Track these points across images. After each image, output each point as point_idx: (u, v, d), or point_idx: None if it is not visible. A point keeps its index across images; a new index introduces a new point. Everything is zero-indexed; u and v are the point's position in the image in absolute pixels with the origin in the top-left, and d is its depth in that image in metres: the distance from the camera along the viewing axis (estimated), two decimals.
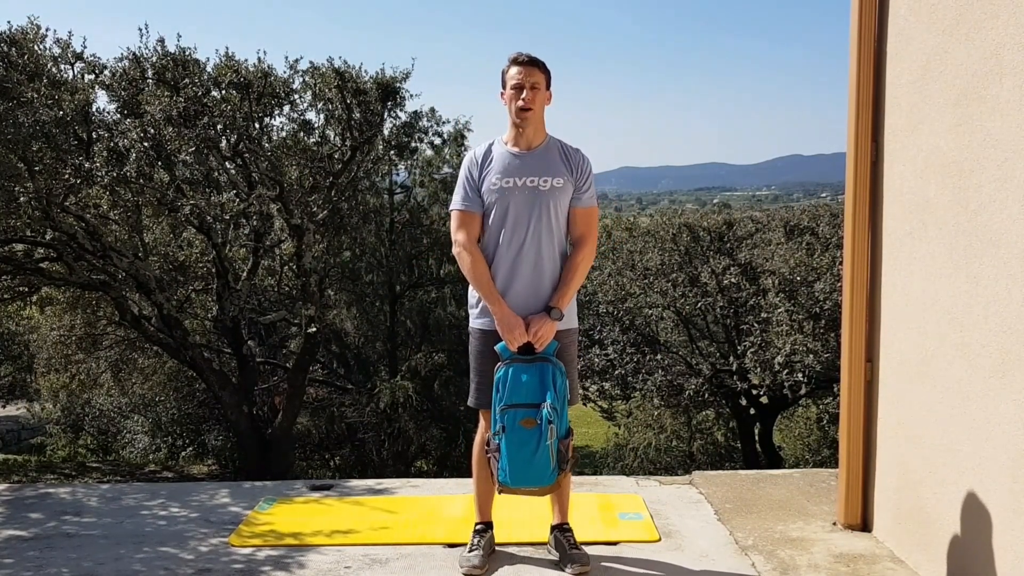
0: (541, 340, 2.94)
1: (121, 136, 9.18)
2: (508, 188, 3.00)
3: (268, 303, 12.44)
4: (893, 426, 3.24)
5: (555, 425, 2.86)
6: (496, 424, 2.90)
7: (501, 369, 2.92)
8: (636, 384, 13.09)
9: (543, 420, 2.85)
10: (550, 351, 2.96)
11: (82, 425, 17.17)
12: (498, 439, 2.89)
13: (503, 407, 2.89)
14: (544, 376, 2.91)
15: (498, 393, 2.91)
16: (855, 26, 3.29)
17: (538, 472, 2.89)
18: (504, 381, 2.90)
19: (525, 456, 2.87)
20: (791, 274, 11.22)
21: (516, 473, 2.88)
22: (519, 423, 2.87)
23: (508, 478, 2.90)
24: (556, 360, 2.95)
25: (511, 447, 2.87)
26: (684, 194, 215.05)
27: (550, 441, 2.86)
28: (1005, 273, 2.49)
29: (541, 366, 2.92)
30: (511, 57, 3.07)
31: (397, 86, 11.32)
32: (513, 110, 3.02)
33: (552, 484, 2.94)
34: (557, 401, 2.89)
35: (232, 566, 3.21)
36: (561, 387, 2.93)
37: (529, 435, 2.86)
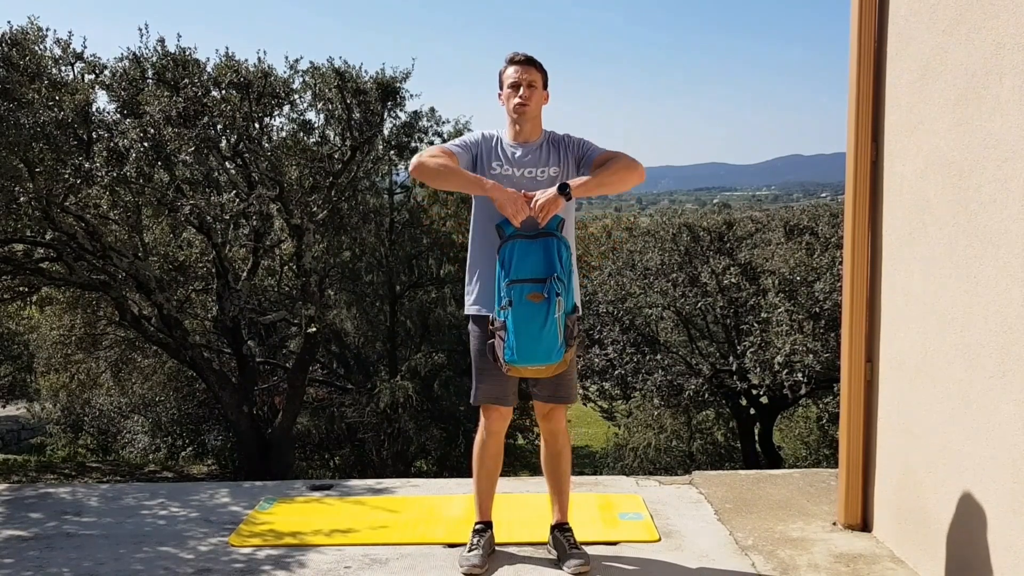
0: (545, 212, 2.90)
1: (121, 136, 9.18)
2: (507, 176, 3.01)
3: (268, 303, 12.44)
4: (893, 426, 3.24)
5: (563, 298, 2.85)
6: (502, 300, 2.86)
7: (506, 245, 2.88)
8: (636, 384, 13.08)
9: (551, 293, 2.83)
10: (553, 225, 2.92)
11: (82, 425, 17.17)
12: (504, 315, 2.86)
13: (509, 282, 2.85)
14: (549, 250, 2.88)
15: (503, 269, 2.87)
16: (855, 26, 3.29)
17: (546, 347, 2.86)
18: (509, 256, 2.87)
19: (533, 331, 2.84)
20: (791, 274, 11.21)
21: (524, 349, 2.84)
22: (526, 297, 2.84)
23: (516, 355, 2.85)
24: (560, 234, 2.92)
25: (519, 322, 2.83)
26: (684, 194, 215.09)
27: (558, 314, 2.84)
28: (1005, 273, 2.49)
29: (545, 241, 2.89)
30: (508, 57, 3.09)
31: (397, 86, 11.33)
32: (510, 107, 3.04)
33: (560, 361, 2.91)
34: (564, 274, 2.88)
35: (232, 566, 3.22)
36: (567, 261, 2.91)
37: (537, 309, 2.83)
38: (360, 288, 15.38)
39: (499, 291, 2.89)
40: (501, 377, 3.02)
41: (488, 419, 3.14)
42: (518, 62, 3.05)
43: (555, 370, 2.95)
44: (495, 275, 2.92)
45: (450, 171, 2.96)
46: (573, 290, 2.95)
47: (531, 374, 2.96)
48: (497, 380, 3.04)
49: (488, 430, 3.15)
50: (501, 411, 3.14)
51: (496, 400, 3.09)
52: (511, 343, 2.86)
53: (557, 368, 2.94)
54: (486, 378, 3.06)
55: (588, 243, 18.18)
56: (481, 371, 3.07)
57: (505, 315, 2.86)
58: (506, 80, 3.06)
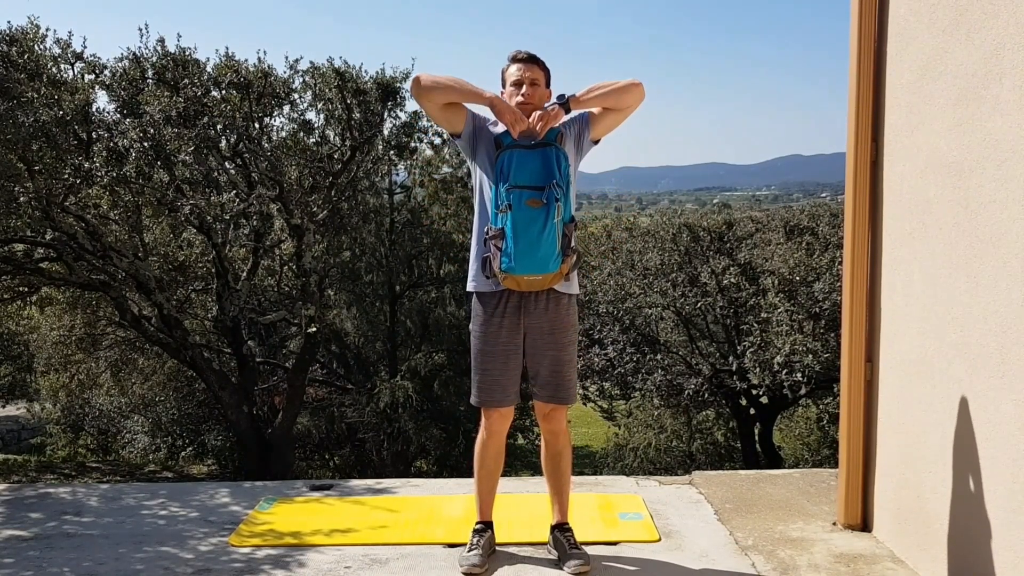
0: (544, 123, 2.90)
1: (121, 136, 9.18)
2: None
3: (268, 303, 12.44)
4: (893, 426, 3.24)
5: (562, 204, 2.84)
6: (501, 204, 2.85)
7: (504, 153, 2.88)
8: (636, 384, 13.08)
9: (550, 199, 2.83)
10: (552, 136, 2.92)
11: (82, 425, 17.17)
12: (502, 221, 2.84)
13: (508, 187, 2.84)
14: (548, 158, 2.88)
15: (501, 176, 2.87)
16: (855, 26, 3.29)
17: (544, 255, 2.84)
18: (508, 164, 2.86)
19: (532, 236, 2.82)
20: (791, 274, 11.21)
21: (521, 256, 2.82)
22: (525, 203, 2.83)
23: (513, 262, 2.83)
24: (559, 145, 2.92)
25: (518, 226, 2.82)
26: (684, 194, 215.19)
27: (557, 219, 2.83)
28: (1005, 273, 2.49)
29: (544, 150, 2.89)
30: (510, 55, 3.08)
31: (397, 86, 11.32)
32: (513, 105, 3.02)
33: (556, 271, 2.89)
34: (562, 181, 2.87)
35: (232, 566, 3.22)
36: (565, 170, 2.90)
37: (536, 213, 2.82)
38: (360, 288, 15.38)
39: (496, 197, 2.87)
40: (501, 377, 3.02)
41: (489, 419, 3.13)
42: (521, 60, 3.04)
43: (552, 280, 2.90)
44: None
45: (447, 83, 2.93)
46: (571, 202, 2.94)
47: (527, 286, 2.91)
48: (497, 380, 3.03)
49: (489, 430, 3.14)
50: (502, 411, 3.13)
51: (497, 401, 3.08)
52: (508, 249, 2.83)
53: (554, 279, 2.90)
54: (486, 378, 3.05)
55: (588, 243, 18.20)
56: (483, 371, 3.06)
57: (503, 220, 2.84)
58: (508, 78, 3.05)
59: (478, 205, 3.05)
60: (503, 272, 2.86)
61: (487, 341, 3.04)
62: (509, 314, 3.02)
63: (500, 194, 2.86)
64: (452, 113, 3.01)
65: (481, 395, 3.09)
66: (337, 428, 14.78)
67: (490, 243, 2.88)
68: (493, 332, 3.03)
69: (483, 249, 2.96)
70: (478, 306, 3.06)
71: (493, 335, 3.04)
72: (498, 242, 2.85)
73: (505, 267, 2.85)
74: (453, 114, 3.01)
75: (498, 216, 2.86)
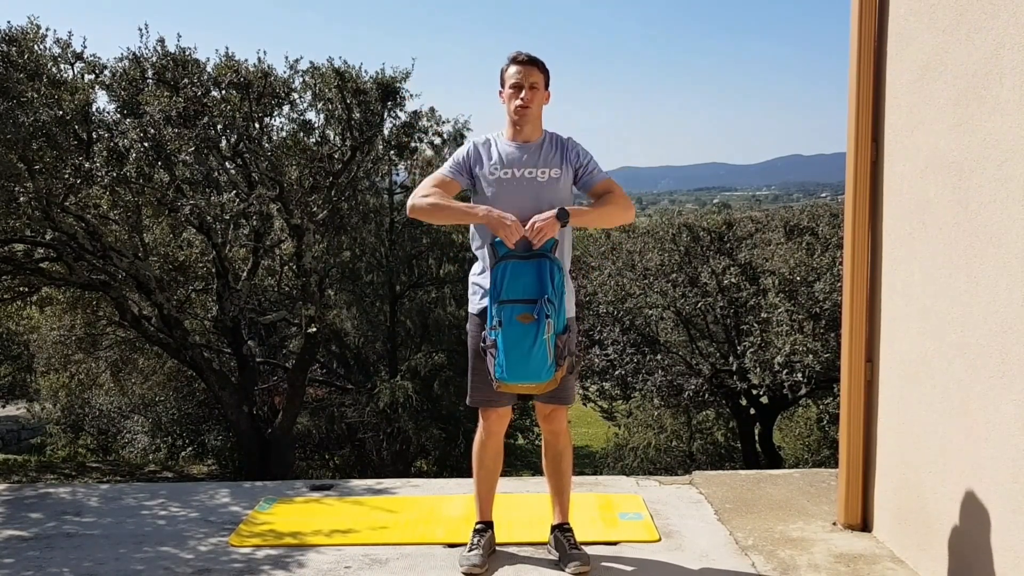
0: (540, 235, 2.90)
1: (121, 136, 9.18)
2: (507, 179, 3.00)
3: (268, 303, 12.45)
4: (893, 426, 3.24)
5: (552, 320, 2.85)
6: (492, 319, 2.87)
7: (499, 265, 2.88)
8: (636, 384, 13.09)
9: (541, 315, 2.84)
10: (547, 247, 2.93)
11: (82, 425, 17.17)
12: (494, 334, 2.87)
13: (499, 302, 2.86)
14: (542, 272, 2.88)
15: (494, 289, 2.88)
16: (855, 26, 3.29)
17: (536, 366, 2.86)
18: (501, 277, 2.87)
19: (523, 350, 2.84)
20: (791, 274, 11.22)
21: (513, 368, 2.85)
22: (516, 318, 2.84)
23: (505, 374, 2.86)
24: (554, 256, 2.93)
25: (508, 341, 2.84)
26: (684, 194, 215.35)
27: (547, 336, 2.84)
28: (1005, 273, 2.49)
29: (539, 262, 2.89)
30: (510, 56, 3.07)
31: (397, 86, 11.33)
32: (512, 108, 3.03)
33: (550, 379, 2.92)
34: (555, 296, 2.88)
35: (232, 566, 3.21)
36: (559, 283, 2.91)
37: (526, 330, 2.84)
38: (360, 288, 15.39)
39: (490, 311, 2.90)
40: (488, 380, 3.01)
41: (487, 420, 3.14)
42: (521, 62, 3.03)
43: (546, 387, 2.96)
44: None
45: (440, 208, 2.99)
46: (565, 309, 2.96)
47: (522, 391, 2.97)
48: (487, 384, 3.03)
49: (487, 431, 3.15)
50: (499, 412, 3.14)
51: (492, 402, 3.09)
52: (501, 361, 2.87)
53: (548, 386, 2.95)
54: (483, 379, 3.04)
55: (587, 244, 18.19)
56: (477, 372, 3.06)
57: (495, 334, 2.87)
58: (508, 80, 3.05)
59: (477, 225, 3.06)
60: (497, 380, 2.91)
61: (471, 344, 3.07)
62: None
63: (492, 308, 2.89)
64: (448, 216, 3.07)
65: (476, 396, 3.10)
66: (337, 428, 14.79)
67: (487, 349, 2.93)
68: (476, 339, 3.05)
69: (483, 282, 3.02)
70: (469, 321, 3.12)
71: (476, 340, 3.05)
72: (493, 351, 2.90)
73: (498, 376, 2.90)
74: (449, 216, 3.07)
75: (491, 330, 2.90)
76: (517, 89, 3.01)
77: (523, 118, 3.03)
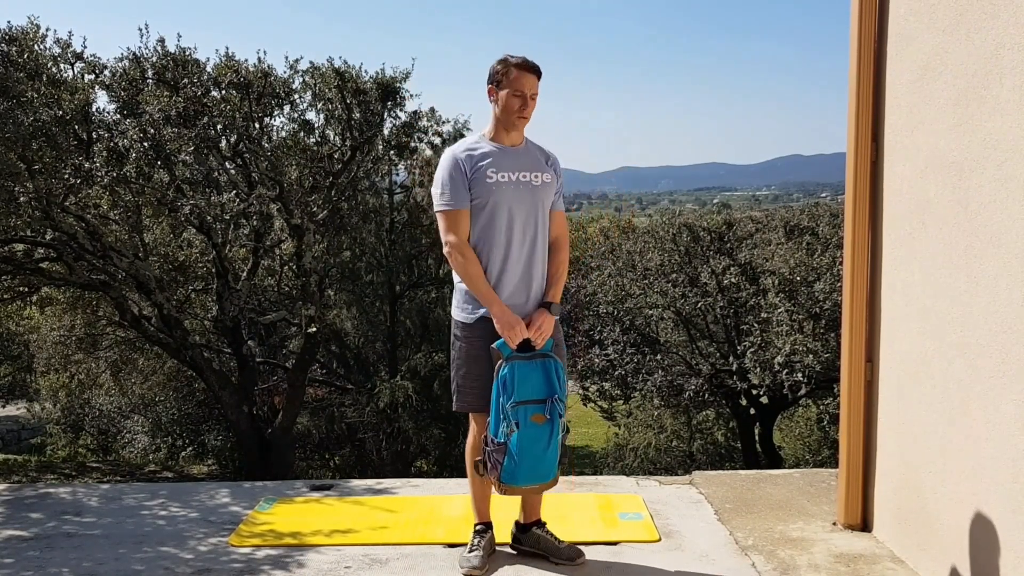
0: (543, 335, 2.93)
1: (121, 136, 9.18)
2: (504, 183, 2.98)
3: (268, 303, 12.44)
4: (893, 426, 3.24)
5: (563, 419, 2.90)
6: (507, 423, 2.85)
7: (505, 367, 2.87)
8: (636, 384, 13.08)
9: (554, 415, 2.86)
10: (548, 347, 2.96)
11: (82, 425, 17.17)
12: (504, 436, 2.84)
13: (514, 404, 2.84)
14: (548, 371, 2.91)
15: (504, 391, 2.86)
16: (855, 26, 3.29)
17: (547, 467, 2.90)
18: (511, 378, 2.86)
19: (538, 452, 2.85)
20: (791, 274, 11.21)
21: (527, 471, 2.86)
22: (531, 419, 2.84)
23: (515, 478, 2.86)
24: (554, 355, 2.96)
25: (524, 445, 2.83)
26: (684, 194, 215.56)
27: (561, 435, 2.89)
28: (1005, 273, 2.49)
29: (544, 362, 2.91)
30: (515, 61, 2.99)
31: (397, 86, 11.33)
32: (512, 115, 2.99)
33: (554, 478, 2.96)
34: (562, 395, 2.91)
35: (232, 566, 3.22)
36: (563, 382, 2.95)
37: (541, 431, 2.86)
38: (360, 288, 15.38)
39: (500, 413, 2.86)
40: (485, 383, 2.96)
41: (479, 424, 3.09)
42: (530, 70, 2.98)
43: (549, 487, 2.98)
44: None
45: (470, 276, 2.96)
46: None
47: (522, 493, 2.98)
48: (482, 387, 2.99)
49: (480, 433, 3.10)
50: (487, 415, 3.08)
51: (483, 408, 3.02)
52: (510, 467, 2.85)
53: (551, 486, 2.98)
54: (474, 383, 3.01)
55: (587, 244, 18.19)
56: (469, 376, 3.02)
57: (510, 438, 2.84)
58: (511, 84, 2.97)
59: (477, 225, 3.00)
60: (504, 485, 2.90)
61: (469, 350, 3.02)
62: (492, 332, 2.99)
63: (505, 410, 2.86)
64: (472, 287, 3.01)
65: (466, 400, 3.06)
66: (337, 428, 14.79)
67: (490, 452, 2.89)
68: (476, 343, 3.01)
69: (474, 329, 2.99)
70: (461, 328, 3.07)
71: (476, 346, 3.01)
72: (498, 455, 2.86)
73: (507, 481, 2.89)
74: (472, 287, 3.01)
75: (500, 430, 2.86)
76: (522, 98, 2.98)
77: (521, 126, 3.03)
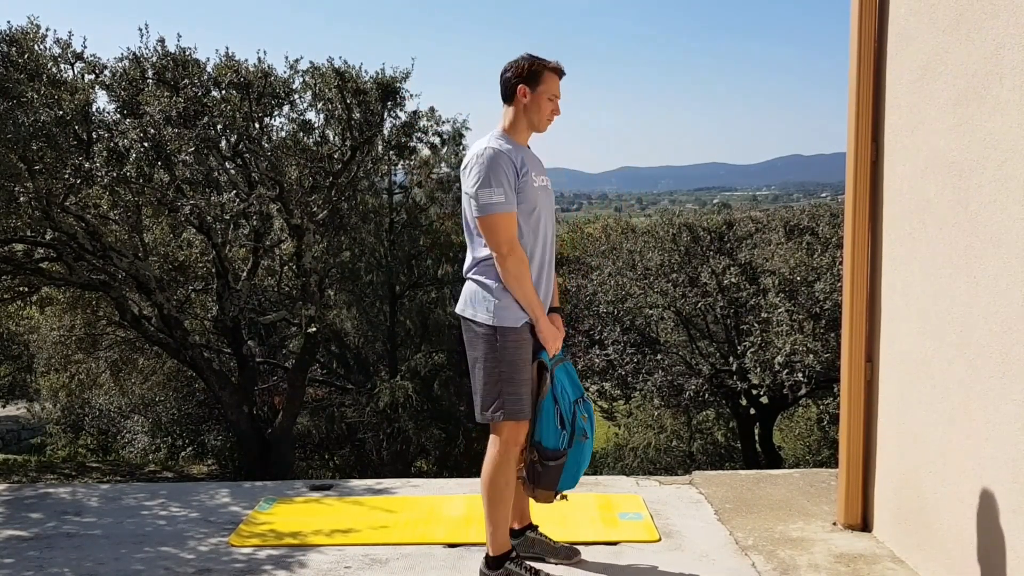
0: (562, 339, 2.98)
1: (121, 136, 9.17)
2: (541, 187, 2.96)
3: (268, 303, 12.44)
4: (893, 426, 3.24)
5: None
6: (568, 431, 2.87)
7: (558, 368, 2.92)
8: (636, 384, 13.08)
9: (590, 413, 2.96)
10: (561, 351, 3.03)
11: (82, 425, 17.17)
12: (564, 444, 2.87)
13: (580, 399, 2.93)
14: (571, 373, 2.98)
15: (564, 393, 2.91)
16: (855, 26, 3.29)
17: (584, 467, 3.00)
18: (563, 384, 2.92)
19: (588, 453, 2.95)
20: (791, 274, 11.21)
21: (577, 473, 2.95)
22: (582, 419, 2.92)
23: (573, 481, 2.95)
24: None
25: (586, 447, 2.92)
26: (684, 194, 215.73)
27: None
28: (1005, 273, 2.49)
29: (565, 364, 2.98)
30: (552, 64, 2.94)
31: (397, 86, 11.32)
32: (544, 119, 2.95)
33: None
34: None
35: (232, 566, 3.22)
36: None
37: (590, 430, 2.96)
38: (360, 288, 15.38)
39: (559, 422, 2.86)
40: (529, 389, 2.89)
41: (520, 433, 2.91)
42: (562, 74, 2.96)
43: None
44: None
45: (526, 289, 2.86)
46: None
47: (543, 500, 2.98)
48: (528, 392, 2.88)
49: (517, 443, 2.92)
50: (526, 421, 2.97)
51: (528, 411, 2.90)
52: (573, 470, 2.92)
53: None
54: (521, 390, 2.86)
55: (587, 243, 18.19)
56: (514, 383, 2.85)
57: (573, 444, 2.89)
58: (549, 88, 2.91)
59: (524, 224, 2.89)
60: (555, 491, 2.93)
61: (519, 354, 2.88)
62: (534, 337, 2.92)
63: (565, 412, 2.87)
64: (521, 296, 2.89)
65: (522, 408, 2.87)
66: (337, 428, 14.79)
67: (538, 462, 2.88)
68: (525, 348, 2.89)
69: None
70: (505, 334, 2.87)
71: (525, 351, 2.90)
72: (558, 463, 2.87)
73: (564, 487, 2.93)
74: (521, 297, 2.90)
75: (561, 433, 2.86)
76: (554, 102, 2.95)
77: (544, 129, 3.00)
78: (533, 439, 2.89)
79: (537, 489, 2.93)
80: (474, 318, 2.89)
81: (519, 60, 2.93)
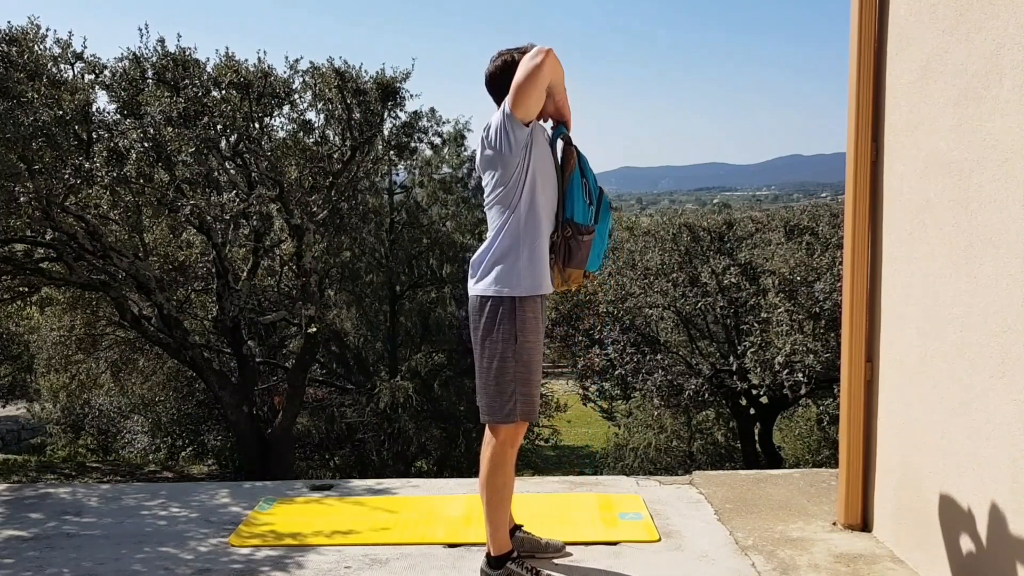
0: None
1: (121, 136, 9.18)
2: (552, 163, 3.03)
3: (268, 303, 12.44)
4: (893, 426, 3.24)
5: None
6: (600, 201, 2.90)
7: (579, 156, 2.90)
8: (636, 384, 13.09)
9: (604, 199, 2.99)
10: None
11: (82, 425, 17.19)
12: (589, 216, 2.86)
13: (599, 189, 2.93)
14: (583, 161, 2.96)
15: (589, 172, 2.91)
16: (855, 26, 3.29)
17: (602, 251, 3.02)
18: (587, 164, 2.91)
19: (607, 230, 2.98)
20: (791, 274, 11.22)
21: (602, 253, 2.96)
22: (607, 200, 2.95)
23: (597, 262, 2.95)
24: None
25: (606, 226, 2.94)
26: (684, 194, 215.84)
27: None
28: (1005, 273, 2.49)
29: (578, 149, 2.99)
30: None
31: (397, 86, 11.32)
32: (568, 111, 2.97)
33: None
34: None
35: (232, 566, 3.21)
36: None
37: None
38: (360, 288, 15.39)
39: (587, 195, 2.86)
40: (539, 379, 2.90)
41: (519, 434, 2.92)
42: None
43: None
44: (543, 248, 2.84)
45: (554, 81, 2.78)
46: None
47: (575, 283, 2.96)
48: (539, 389, 2.88)
49: (514, 443, 2.92)
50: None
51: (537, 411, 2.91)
52: (599, 248, 2.91)
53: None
54: (536, 388, 2.87)
55: None
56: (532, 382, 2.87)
57: (594, 215, 2.88)
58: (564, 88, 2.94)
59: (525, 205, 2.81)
60: (584, 269, 2.90)
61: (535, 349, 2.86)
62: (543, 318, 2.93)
63: (596, 185, 2.90)
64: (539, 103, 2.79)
65: (533, 407, 2.88)
66: (337, 428, 14.80)
67: (573, 238, 2.84)
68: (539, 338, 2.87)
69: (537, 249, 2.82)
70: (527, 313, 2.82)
71: (539, 342, 2.87)
72: (585, 238, 2.85)
73: (592, 266, 2.91)
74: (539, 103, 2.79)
75: (589, 209, 2.86)
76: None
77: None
78: (565, 215, 2.86)
79: (568, 268, 2.88)
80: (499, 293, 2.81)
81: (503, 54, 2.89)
